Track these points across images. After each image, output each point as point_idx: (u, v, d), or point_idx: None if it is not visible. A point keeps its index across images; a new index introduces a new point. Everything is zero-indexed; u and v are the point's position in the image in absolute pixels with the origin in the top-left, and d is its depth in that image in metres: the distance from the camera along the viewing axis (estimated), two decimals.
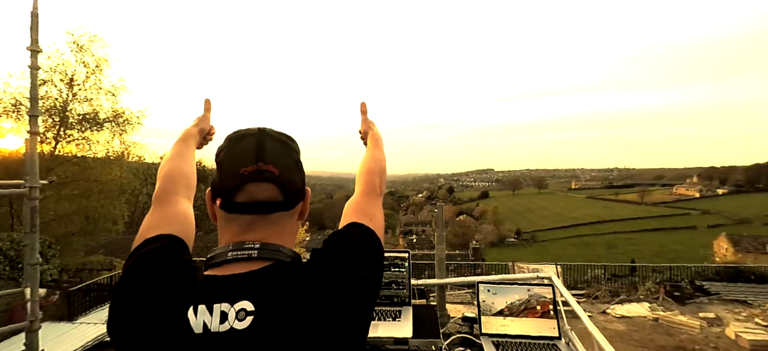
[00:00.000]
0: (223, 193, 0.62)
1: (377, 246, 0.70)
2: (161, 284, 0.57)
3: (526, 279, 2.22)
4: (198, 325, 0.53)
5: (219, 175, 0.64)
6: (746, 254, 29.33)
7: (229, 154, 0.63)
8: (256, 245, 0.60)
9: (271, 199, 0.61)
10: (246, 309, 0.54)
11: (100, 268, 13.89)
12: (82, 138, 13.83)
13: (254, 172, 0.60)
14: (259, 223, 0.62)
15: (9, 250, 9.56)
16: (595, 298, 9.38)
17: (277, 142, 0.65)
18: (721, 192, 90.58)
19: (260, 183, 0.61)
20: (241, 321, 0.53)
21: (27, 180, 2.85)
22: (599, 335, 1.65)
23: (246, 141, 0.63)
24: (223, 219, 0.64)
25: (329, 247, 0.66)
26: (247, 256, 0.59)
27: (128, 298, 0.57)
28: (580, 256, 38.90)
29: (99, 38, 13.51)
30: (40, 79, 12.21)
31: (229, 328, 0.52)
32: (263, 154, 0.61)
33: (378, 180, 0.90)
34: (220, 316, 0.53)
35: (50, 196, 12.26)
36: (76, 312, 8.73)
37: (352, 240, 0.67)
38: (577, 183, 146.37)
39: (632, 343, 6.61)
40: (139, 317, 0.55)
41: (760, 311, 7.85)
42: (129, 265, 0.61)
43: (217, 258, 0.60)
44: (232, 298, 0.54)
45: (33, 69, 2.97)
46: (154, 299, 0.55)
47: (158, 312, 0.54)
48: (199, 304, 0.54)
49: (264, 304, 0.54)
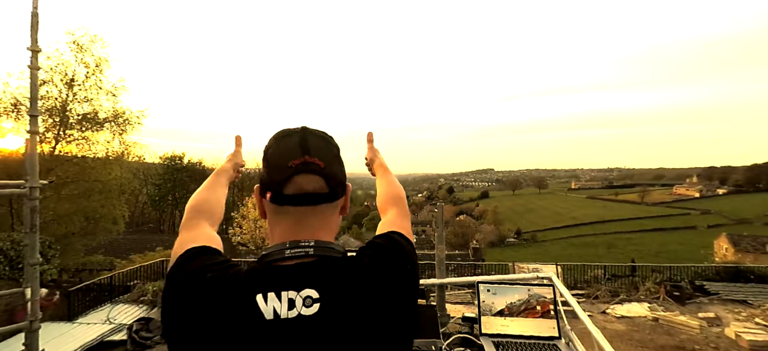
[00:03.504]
0: (272, 186, 0.65)
1: (413, 249, 0.75)
2: (222, 274, 0.59)
3: (526, 279, 2.22)
4: (269, 311, 0.55)
5: (267, 171, 0.67)
6: (746, 254, 29.33)
7: (276, 150, 0.67)
8: (310, 243, 0.63)
9: (318, 190, 0.64)
10: (312, 296, 0.57)
11: (100, 268, 13.91)
12: (82, 138, 13.84)
13: (302, 164, 0.63)
14: (310, 218, 0.65)
15: (9, 250, 9.56)
16: (595, 298, 9.38)
17: (319, 138, 0.69)
18: (721, 192, 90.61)
19: (307, 175, 0.64)
20: (308, 307, 0.56)
21: (27, 180, 2.85)
22: (599, 335, 1.65)
23: (291, 138, 0.67)
24: (273, 213, 0.67)
25: (375, 245, 0.70)
26: (304, 253, 0.62)
27: (189, 291, 0.57)
28: (580, 256, 38.88)
29: (99, 38, 13.55)
30: (40, 79, 12.20)
31: (298, 315, 0.56)
32: (308, 148, 0.65)
33: (405, 204, 0.96)
34: (288, 302, 0.56)
35: (50, 196, 12.27)
36: (76, 312, 8.72)
37: (396, 240, 0.73)
38: (577, 183, 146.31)
39: (632, 343, 6.61)
40: (205, 306, 0.56)
41: (760, 311, 7.85)
42: (175, 266, 0.62)
43: (274, 255, 0.63)
44: (297, 286, 0.57)
45: (33, 69, 2.97)
46: (220, 287, 0.57)
47: (226, 299, 0.56)
48: (268, 292, 0.56)
49: (328, 292, 0.58)
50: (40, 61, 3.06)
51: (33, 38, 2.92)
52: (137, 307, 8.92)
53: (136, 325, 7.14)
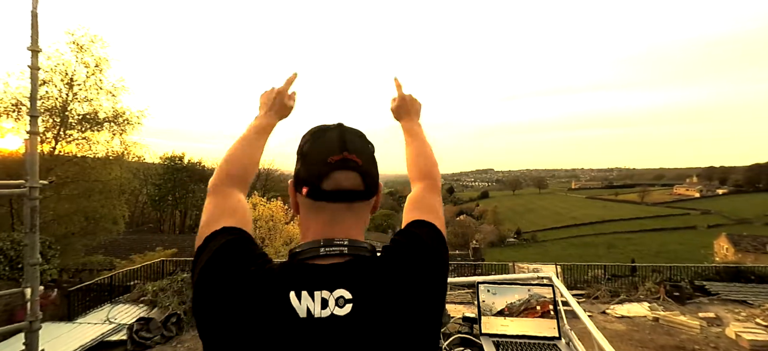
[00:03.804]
0: (309, 181, 0.64)
1: (444, 244, 0.73)
2: (256, 270, 0.59)
3: (526, 279, 2.22)
4: (302, 310, 0.55)
5: (304, 165, 0.66)
6: (746, 254, 29.34)
7: (314, 146, 0.66)
8: (344, 242, 0.63)
9: (355, 187, 0.64)
10: (344, 297, 0.57)
11: (100, 268, 13.92)
12: (82, 138, 13.82)
13: (341, 160, 0.63)
14: (345, 215, 0.65)
15: (9, 250, 9.56)
16: (595, 298, 9.37)
17: (356, 135, 0.69)
18: (721, 192, 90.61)
19: (346, 171, 0.63)
20: (341, 308, 0.56)
21: (27, 180, 2.85)
22: (599, 335, 1.65)
23: (329, 133, 0.67)
24: (308, 208, 0.66)
25: (401, 246, 0.68)
26: (338, 253, 0.62)
27: (223, 285, 0.57)
28: (580, 256, 38.87)
29: (99, 38, 13.52)
30: (40, 79, 12.19)
31: (331, 314, 0.56)
32: (347, 145, 0.64)
33: (436, 171, 0.91)
34: (321, 302, 0.56)
35: (50, 196, 12.26)
36: (76, 312, 8.72)
37: (422, 239, 0.70)
38: (577, 183, 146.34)
39: (632, 343, 6.61)
40: (239, 299, 0.56)
41: (760, 311, 7.85)
42: (211, 256, 0.61)
43: (308, 252, 0.62)
44: (330, 285, 0.57)
45: (33, 69, 2.97)
46: (255, 282, 0.57)
47: (260, 294, 0.56)
48: (301, 290, 0.56)
49: (360, 293, 0.58)
50: (40, 61, 3.06)
51: (33, 38, 2.92)
52: (137, 307, 8.92)
53: (136, 325, 7.14)
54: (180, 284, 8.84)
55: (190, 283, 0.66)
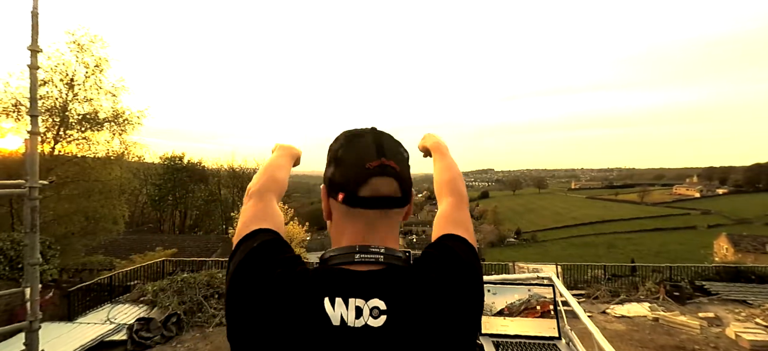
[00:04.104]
0: (346, 187, 0.62)
1: (477, 258, 0.71)
2: (290, 272, 0.58)
3: (526, 279, 2.22)
4: (336, 317, 0.54)
5: (339, 170, 0.64)
6: (746, 254, 29.35)
7: (349, 151, 0.64)
8: (381, 250, 0.61)
9: (392, 194, 0.63)
10: (379, 307, 0.55)
11: (100, 268, 13.90)
12: (82, 138, 13.82)
13: (379, 166, 0.61)
14: (381, 222, 0.63)
15: (9, 250, 9.56)
16: (595, 298, 9.37)
17: (392, 141, 0.68)
18: (721, 192, 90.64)
19: (384, 178, 0.62)
20: (376, 319, 0.54)
21: (27, 180, 2.85)
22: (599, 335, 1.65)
23: (365, 138, 0.65)
24: (343, 214, 0.64)
25: (435, 258, 0.66)
26: (374, 260, 0.60)
27: (255, 286, 0.57)
28: (580, 256, 38.90)
29: (99, 38, 13.52)
30: (40, 79, 12.22)
31: (364, 325, 0.54)
32: (384, 151, 0.63)
33: (462, 187, 0.90)
34: (355, 310, 0.55)
35: (50, 196, 12.26)
36: (76, 312, 8.72)
37: (455, 252, 0.68)
38: (577, 183, 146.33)
39: (632, 343, 6.61)
40: (271, 303, 0.55)
41: (760, 311, 7.85)
42: (245, 256, 0.61)
43: (342, 258, 0.61)
44: (365, 294, 0.56)
45: (33, 69, 2.97)
46: (289, 286, 0.56)
47: (294, 298, 0.55)
48: (335, 297, 0.55)
49: (395, 304, 0.56)
50: (40, 61, 3.06)
51: (33, 38, 2.92)
52: (137, 307, 8.92)
53: (136, 325, 7.14)
54: (180, 284, 8.84)
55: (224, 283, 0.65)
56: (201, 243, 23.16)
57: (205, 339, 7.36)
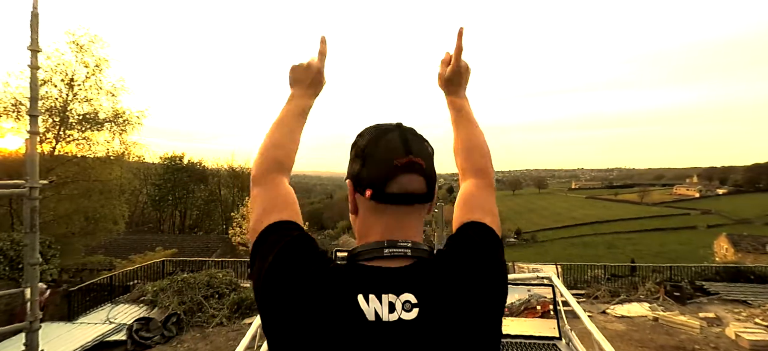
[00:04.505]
0: (374, 183, 0.63)
1: (501, 247, 0.71)
2: (324, 269, 0.59)
3: (526, 279, 2.22)
4: (371, 313, 0.55)
5: (367, 167, 0.64)
6: (746, 254, 29.33)
7: (377, 147, 0.65)
8: (408, 244, 0.62)
9: (419, 190, 0.64)
10: (411, 301, 0.57)
11: (100, 268, 13.90)
12: (82, 138, 13.83)
13: (407, 163, 0.62)
14: (407, 218, 0.65)
15: (9, 250, 9.56)
16: (595, 298, 9.37)
17: (418, 137, 0.68)
18: (721, 192, 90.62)
19: (411, 174, 0.63)
20: (408, 312, 0.56)
21: (27, 180, 2.85)
22: (599, 335, 1.65)
23: (391, 134, 0.66)
24: (370, 210, 0.65)
25: (461, 250, 0.66)
26: (403, 254, 0.62)
27: (292, 284, 0.57)
28: (580, 256, 38.88)
29: (99, 38, 13.53)
30: (40, 79, 12.19)
31: (398, 319, 0.55)
32: (411, 147, 0.64)
33: (491, 166, 0.85)
34: (388, 306, 0.56)
35: (50, 196, 12.25)
36: (76, 312, 8.72)
37: (480, 244, 0.68)
38: (577, 183, 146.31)
39: (632, 343, 6.61)
40: (308, 301, 0.56)
41: (760, 311, 7.85)
42: (278, 254, 0.60)
43: (371, 253, 0.62)
44: (396, 289, 0.57)
45: (33, 69, 2.97)
46: (323, 283, 0.57)
47: (329, 294, 0.56)
48: (369, 293, 0.56)
49: (425, 297, 0.57)
50: (40, 61, 3.06)
51: (33, 38, 2.92)
52: (137, 307, 8.92)
53: (136, 325, 7.14)
54: (180, 284, 8.83)
55: (251, 279, 0.65)
56: (201, 243, 23.17)
57: (204, 339, 7.36)
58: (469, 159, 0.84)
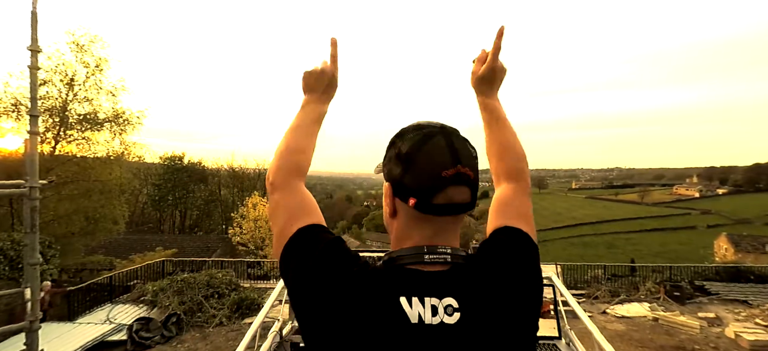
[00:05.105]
0: (418, 193, 0.61)
1: (537, 254, 0.71)
2: (364, 272, 0.59)
3: None
4: (414, 316, 0.55)
5: (409, 173, 0.62)
6: (746, 254, 29.35)
7: (421, 153, 0.61)
8: (447, 250, 0.62)
9: (464, 202, 0.63)
10: (452, 305, 0.57)
11: (100, 268, 13.90)
12: (82, 138, 13.84)
13: (455, 175, 0.60)
14: (449, 226, 0.64)
15: (9, 250, 9.56)
16: (595, 298, 9.38)
17: (464, 143, 0.66)
18: (721, 192, 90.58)
19: (459, 186, 0.61)
20: (450, 316, 0.56)
21: (27, 180, 2.85)
22: (599, 335, 1.65)
23: (436, 139, 0.62)
24: (412, 218, 0.63)
25: (498, 256, 0.66)
26: (443, 261, 0.61)
27: (332, 287, 0.57)
28: (580, 256, 38.92)
29: (99, 38, 13.54)
30: (40, 79, 12.21)
31: (440, 322, 0.56)
32: (459, 156, 0.61)
33: (527, 170, 0.84)
34: (431, 309, 0.56)
35: (50, 196, 12.25)
36: (76, 312, 8.72)
37: (517, 250, 0.68)
38: (577, 183, 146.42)
39: (632, 343, 6.61)
40: (350, 303, 0.56)
41: (760, 311, 7.86)
42: (315, 258, 0.60)
43: (411, 258, 0.62)
44: (438, 293, 0.57)
45: (33, 69, 2.97)
46: (364, 286, 0.57)
47: (371, 298, 0.56)
48: (412, 296, 0.56)
49: (466, 301, 0.58)
50: (40, 61, 3.06)
51: (33, 38, 2.93)
52: (137, 307, 8.92)
53: (136, 325, 7.15)
54: (180, 284, 8.84)
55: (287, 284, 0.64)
56: (201, 243, 23.16)
57: (204, 339, 7.36)
58: (503, 162, 0.83)
